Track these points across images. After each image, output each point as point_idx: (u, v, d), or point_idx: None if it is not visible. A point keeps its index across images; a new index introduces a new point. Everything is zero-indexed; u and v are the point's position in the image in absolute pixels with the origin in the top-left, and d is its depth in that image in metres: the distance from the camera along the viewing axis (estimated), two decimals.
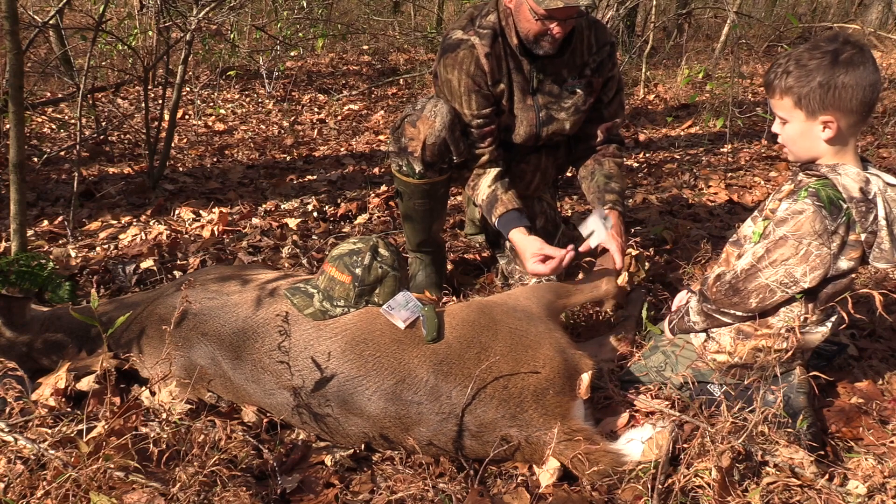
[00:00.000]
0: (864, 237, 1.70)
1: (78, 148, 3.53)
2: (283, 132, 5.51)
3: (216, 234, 3.26)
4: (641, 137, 5.38)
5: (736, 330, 1.90)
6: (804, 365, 1.92)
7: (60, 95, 5.66)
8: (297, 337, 1.85)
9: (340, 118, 6.03)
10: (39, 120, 5.05)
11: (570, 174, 3.03)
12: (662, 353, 2.03)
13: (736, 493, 1.56)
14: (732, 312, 1.87)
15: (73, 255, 2.98)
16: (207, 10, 3.96)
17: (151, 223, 3.45)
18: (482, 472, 1.69)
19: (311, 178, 4.35)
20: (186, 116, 5.79)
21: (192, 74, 6.75)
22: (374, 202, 3.72)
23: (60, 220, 3.34)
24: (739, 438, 1.59)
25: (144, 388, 1.93)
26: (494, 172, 2.45)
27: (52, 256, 2.79)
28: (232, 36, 6.60)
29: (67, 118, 5.12)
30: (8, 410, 1.69)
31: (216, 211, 3.49)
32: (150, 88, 4.89)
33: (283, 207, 3.72)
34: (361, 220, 3.54)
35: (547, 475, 1.66)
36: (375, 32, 9.18)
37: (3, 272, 2.44)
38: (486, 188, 2.44)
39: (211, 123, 5.68)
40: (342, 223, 3.52)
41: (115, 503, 1.46)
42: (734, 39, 5.36)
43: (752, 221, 1.94)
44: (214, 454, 1.57)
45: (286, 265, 2.90)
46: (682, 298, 2.12)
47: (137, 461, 1.54)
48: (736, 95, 5.50)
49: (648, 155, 4.89)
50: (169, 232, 3.27)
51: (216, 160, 4.71)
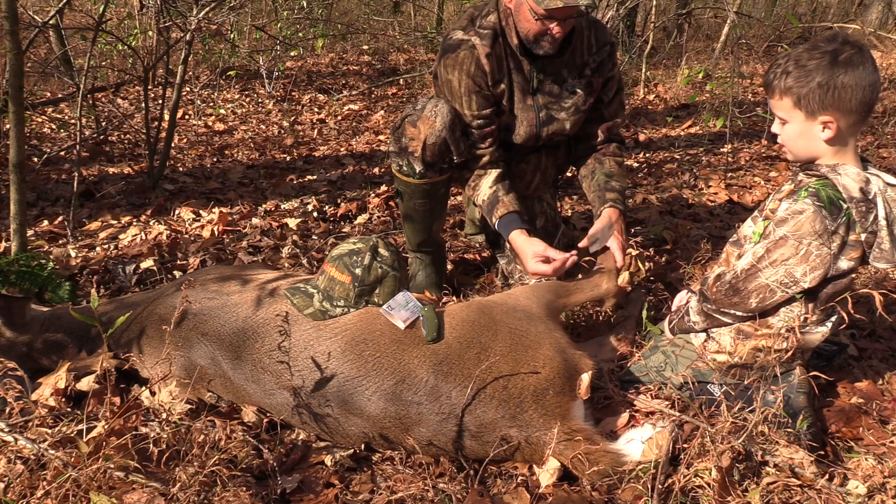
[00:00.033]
0: (864, 237, 1.70)
1: (78, 148, 3.53)
2: (283, 132, 5.51)
3: (216, 234, 3.26)
4: (641, 137, 5.38)
5: (736, 330, 1.90)
6: (804, 365, 1.92)
7: (60, 95, 5.66)
8: (297, 337, 1.85)
9: (340, 118, 6.03)
10: (39, 120, 5.05)
11: (570, 174, 3.03)
12: (662, 353, 2.03)
13: (736, 493, 1.56)
14: (732, 312, 1.87)
15: (73, 255, 2.98)
16: (207, 10, 3.96)
17: (151, 223, 3.45)
18: (482, 472, 1.69)
19: (311, 178, 4.35)
20: (186, 116, 5.79)
21: (192, 74, 6.75)
22: (374, 202, 3.72)
23: (60, 220, 3.34)
24: (739, 438, 1.59)
25: (144, 388, 1.93)
26: (495, 173, 2.45)
27: (52, 256, 2.79)
28: (232, 36, 6.60)
29: (67, 118, 5.12)
30: (8, 410, 1.69)
31: (216, 211, 3.49)
32: (150, 88, 4.89)
33: (283, 207, 3.72)
34: (361, 220, 3.54)
35: (547, 475, 1.66)
36: (375, 32, 9.18)
37: (3, 272, 2.44)
38: (487, 189, 2.44)
39: (211, 123, 5.68)
40: (342, 223, 3.52)
41: (115, 503, 1.46)
42: (734, 39, 5.36)
43: (752, 221, 1.94)
44: (214, 454, 1.57)
45: (286, 265, 2.90)
46: (682, 298, 2.12)
47: (137, 461, 1.54)
48: (736, 95, 5.50)
49: (648, 155, 4.89)
50: (169, 232, 3.27)
51: (216, 160, 4.71)
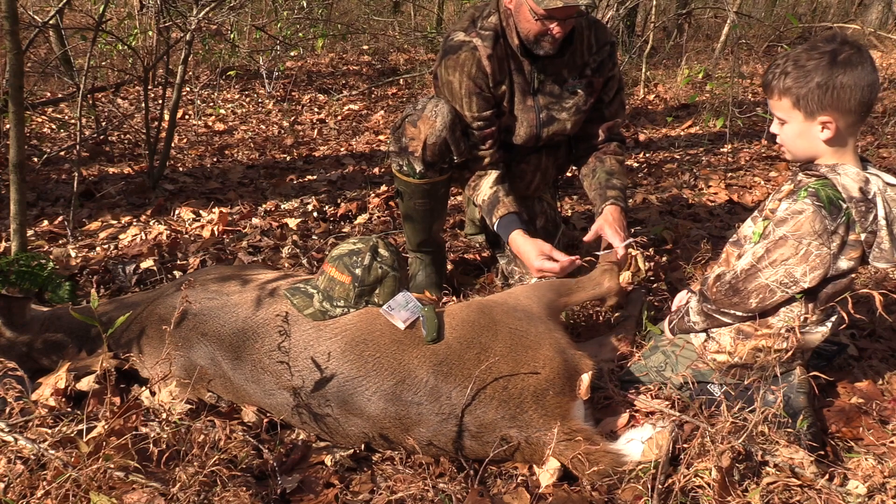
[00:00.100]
0: (863, 237, 1.70)
1: (78, 148, 3.53)
2: (283, 132, 5.51)
3: (216, 234, 3.26)
4: (641, 137, 5.38)
5: (736, 330, 1.90)
6: (804, 365, 1.92)
7: (60, 95, 5.66)
8: (296, 337, 1.85)
9: (340, 118, 6.03)
10: (39, 120, 5.05)
11: (570, 174, 3.03)
12: (662, 353, 2.03)
13: (736, 493, 1.56)
14: (732, 312, 1.87)
15: (73, 255, 2.98)
16: (207, 10, 3.96)
17: (151, 223, 3.45)
18: (482, 472, 1.69)
19: (311, 178, 4.35)
20: (186, 116, 5.79)
21: (192, 74, 6.75)
22: (374, 202, 3.72)
23: (60, 220, 3.34)
24: (739, 438, 1.59)
25: (144, 388, 1.93)
26: (496, 174, 2.45)
27: (52, 256, 2.79)
28: (232, 36, 6.59)
29: (67, 118, 5.12)
30: (8, 410, 1.69)
31: (216, 211, 3.49)
32: (150, 88, 4.89)
33: (283, 207, 3.72)
34: (361, 220, 3.54)
35: (547, 475, 1.66)
36: (375, 32, 9.18)
37: (3, 272, 2.44)
38: (487, 189, 2.44)
39: (211, 123, 5.68)
40: (342, 223, 3.52)
41: (115, 503, 1.46)
42: (734, 39, 5.35)
43: (752, 221, 1.94)
44: (214, 454, 1.57)
45: (286, 265, 2.90)
46: (682, 298, 2.12)
47: (137, 461, 1.54)
48: (736, 95, 5.50)
49: (648, 155, 4.89)
50: (169, 232, 3.27)
51: (216, 160, 4.71)
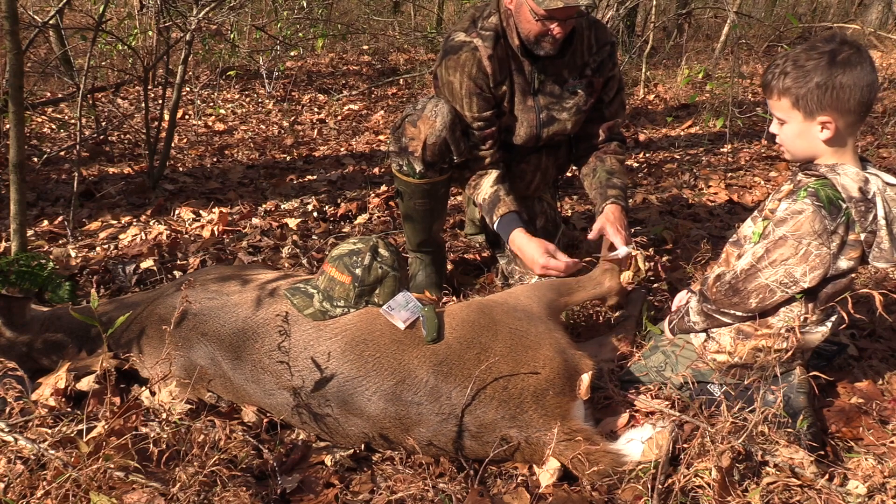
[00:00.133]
0: (863, 237, 1.70)
1: (78, 148, 3.53)
2: (283, 132, 5.51)
3: (216, 234, 3.26)
4: (641, 137, 5.38)
5: (736, 330, 1.90)
6: (804, 365, 1.92)
7: (60, 95, 5.66)
8: (297, 337, 1.85)
9: (340, 118, 6.03)
10: (39, 120, 5.05)
11: (570, 174, 3.03)
12: (662, 353, 2.03)
13: (736, 493, 1.56)
14: (732, 312, 1.87)
15: (73, 255, 2.98)
16: (207, 10, 3.96)
17: (151, 223, 3.45)
18: (482, 472, 1.69)
19: (311, 178, 4.35)
20: (186, 116, 5.79)
21: (192, 74, 6.75)
22: (374, 202, 3.72)
23: (60, 220, 3.34)
24: (739, 438, 1.59)
25: (144, 388, 1.93)
26: (497, 173, 2.46)
27: (52, 256, 2.79)
28: (232, 36, 6.60)
29: (67, 118, 5.12)
30: (8, 410, 1.69)
31: (216, 211, 3.49)
32: (150, 88, 4.89)
33: (283, 207, 3.72)
34: (361, 220, 3.54)
35: (547, 475, 1.66)
36: (375, 32, 9.18)
37: (3, 272, 2.44)
38: (488, 188, 2.44)
39: (211, 123, 5.68)
40: (342, 223, 3.52)
41: (115, 503, 1.46)
42: (734, 39, 5.36)
43: (751, 221, 1.94)
44: (214, 454, 1.57)
45: (286, 265, 2.90)
46: (682, 298, 2.12)
47: (137, 461, 1.54)
48: (736, 95, 5.50)
49: (648, 155, 4.89)
50: (169, 232, 3.27)
51: (216, 160, 4.71)
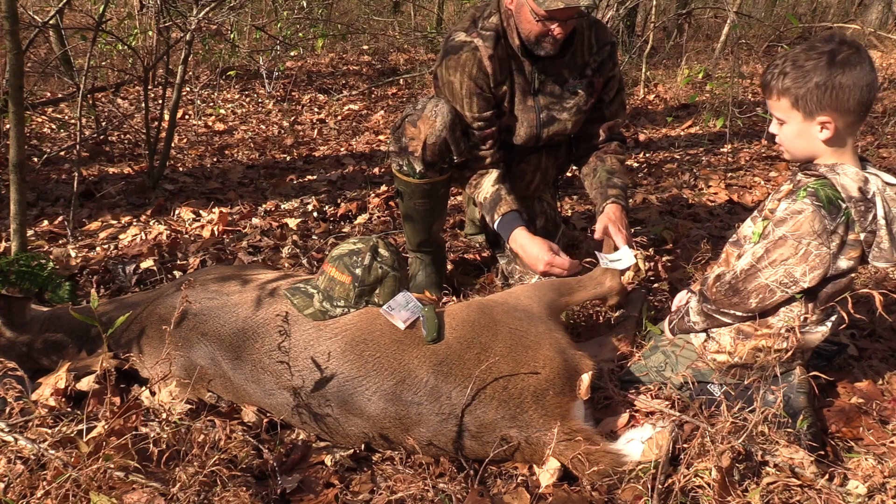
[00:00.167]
0: (863, 236, 1.70)
1: (78, 148, 3.53)
2: (283, 132, 5.51)
3: (216, 234, 3.26)
4: (641, 137, 5.38)
5: (736, 330, 1.90)
6: (804, 365, 1.92)
7: (60, 95, 5.66)
8: (297, 337, 1.85)
9: (340, 118, 6.03)
10: (39, 120, 5.05)
11: (570, 174, 3.03)
12: (662, 353, 2.03)
13: (736, 493, 1.56)
14: (732, 313, 1.87)
15: (73, 255, 2.98)
16: (207, 10, 3.96)
17: (151, 223, 3.45)
18: (482, 472, 1.69)
19: (311, 178, 4.35)
20: (186, 116, 5.80)
21: (192, 74, 6.75)
22: (374, 202, 3.72)
23: (60, 220, 3.34)
24: (739, 438, 1.59)
25: (144, 388, 1.93)
26: (498, 173, 2.46)
27: (52, 256, 2.79)
28: (232, 36, 6.60)
29: (67, 118, 5.12)
30: (8, 410, 1.69)
31: (216, 211, 3.49)
32: (150, 88, 4.89)
33: (283, 207, 3.72)
34: (361, 220, 3.54)
35: (547, 475, 1.66)
36: (375, 32, 9.18)
37: (3, 272, 2.44)
38: (489, 186, 2.44)
39: (211, 123, 5.68)
40: (342, 223, 3.52)
41: (115, 503, 1.46)
42: (734, 39, 5.35)
43: (751, 221, 1.94)
44: (214, 454, 1.57)
45: (286, 265, 2.90)
46: (682, 298, 2.12)
47: (137, 461, 1.54)
48: (736, 95, 5.50)
49: (648, 155, 4.89)
50: (169, 232, 3.27)
51: (216, 160, 4.71)
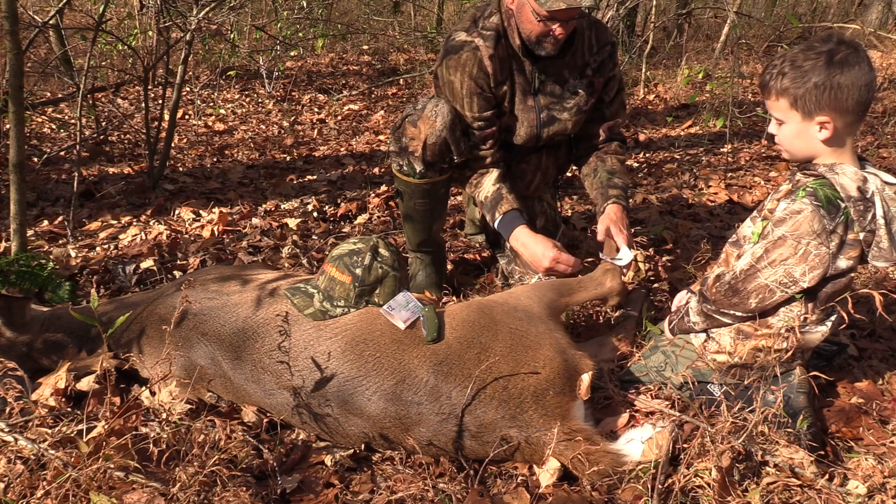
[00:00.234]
0: (862, 236, 1.70)
1: (78, 148, 3.53)
2: (283, 132, 5.51)
3: (216, 234, 3.26)
4: (641, 137, 5.38)
5: (736, 330, 1.90)
6: (804, 365, 1.92)
7: (60, 95, 5.66)
8: (297, 337, 1.85)
9: (340, 118, 6.03)
10: (39, 120, 5.05)
11: (570, 174, 3.03)
12: (662, 353, 2.03)
13: (736, 493, 1.56)
14: (732, 313, 1.87)
15: (73, 255, 2.98)
16: (207, 10, 3.96)
17: (151, 223, 3.45)
18: (482, 472, 1.69)
19: (311, 178, 4.35)
20: (186, 116, 5.80)
21: (192, 74, 6.75)
22: (374, 202, 3.72)
23: (60, 220, 3.34)
24: (739, 438, 1.59)
25: (144, 388, 1.93)
26: (498, 172, 2.46)
27: (52, 256, 2.79)
28: (232, 36, 6.60)
29: (67, 118, 5.12)
30: (8, 410, 1.69)
31: (216, 211, 3.49)
32: (150, 88, 4.89)
33: (283, 207, 3.72)
34: (361, 220, 3.54)
35: (547, 475, 1.66)
36: (375, 32, 9.18)
37: (3, 272, 2.44)
38: (490, 186, 2.44)
39: (211, 123, 5.68)
40: (342, 223, 3.52)
41: (115, 503, 1.46)
42: (734, 39, 5.35)
43: (751, 222, 1.94)
44: (214, 454, 1.57)
45: (286, 265, 2.90)
46: (681, 298, 2.12)
47: (137, 461, 1.54)
48: (736, 95, 5.50)
49: (648, 155, 4.89)
50: (169, 232, 3.27)
51: (216, 160, 4.71)
